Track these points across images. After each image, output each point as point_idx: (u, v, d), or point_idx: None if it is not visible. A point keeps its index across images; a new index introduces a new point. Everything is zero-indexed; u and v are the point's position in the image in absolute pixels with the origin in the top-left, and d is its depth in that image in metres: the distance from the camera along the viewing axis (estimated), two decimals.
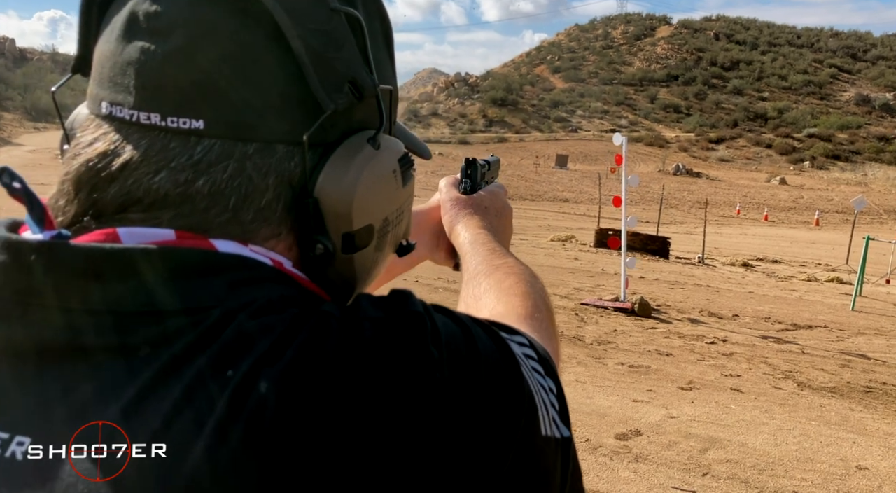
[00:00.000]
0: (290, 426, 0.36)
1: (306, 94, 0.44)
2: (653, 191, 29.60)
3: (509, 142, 57.64)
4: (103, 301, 0.39)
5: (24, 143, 29.10)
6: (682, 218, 24.49)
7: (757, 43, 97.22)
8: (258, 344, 0.38)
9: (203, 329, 0.39)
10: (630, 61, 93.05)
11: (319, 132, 0.45)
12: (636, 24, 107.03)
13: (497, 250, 0.81)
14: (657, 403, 4.86)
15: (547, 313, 0.68)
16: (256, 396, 0.36)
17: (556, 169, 42.99)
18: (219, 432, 0.36)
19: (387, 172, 0.49)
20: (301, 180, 0.45)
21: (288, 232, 0.46)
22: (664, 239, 13.25)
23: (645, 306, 7.78)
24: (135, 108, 0.43)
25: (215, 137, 0.43)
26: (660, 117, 73.98)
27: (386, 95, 0.50)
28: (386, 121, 0.49)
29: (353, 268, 0.48)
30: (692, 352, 6.38)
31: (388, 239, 0.51)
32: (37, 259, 0.40)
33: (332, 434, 0.36)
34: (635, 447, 4.03)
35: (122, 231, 0.42)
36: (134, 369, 0.38)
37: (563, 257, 11.84)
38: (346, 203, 0.46)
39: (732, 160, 57.18)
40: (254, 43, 0.43)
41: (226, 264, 0.42)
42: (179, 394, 0.37)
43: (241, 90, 0.43)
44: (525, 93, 76.42)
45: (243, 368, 0.37)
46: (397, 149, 0.50)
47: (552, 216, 21.30)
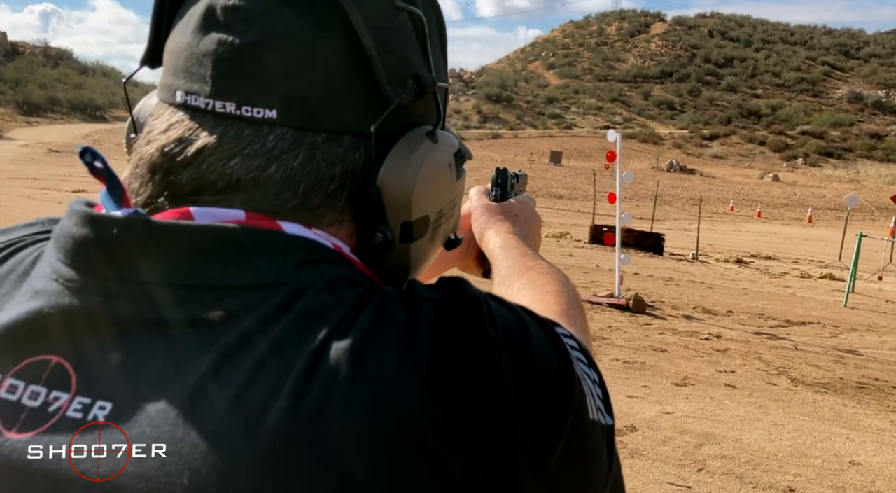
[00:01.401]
0: (362, 393, 0.38)
1: (373, 87, 0.46)
2: (647, 188, 29.69)
3: (504, 138, 57.65)
4: (177, 275, 0.41)
5: (17, 137, 28.90)
6: (676, 215, 24.57)
7: (751, 40, 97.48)
8: (331, 315, 0.40)
9: (276, 303, 0.41)
10: (624, 58, 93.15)
11: (383, 125, 0.47)
12: (631, 21, 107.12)
13: (528, 253, 0.81)
14: (652, 399, 4.88)
15: (580, 311, 0.69)
16: (331, 363, 0.38)
17: (551, 165, 43.05)
18: (295, 395, 0.37)
19: (444, 166, 0.50)
20: (365, 170, 0.47)
21: (350, 220, 0.48)
22: (658, 236, 13.29)
23: (639, 303, 7.80)
24: (210, 96, 0.44)
25: (287, 126, 0.45)
26: (654, 114, 74.12)
27: (442, 91, 0.52)
28: (442, 116, 0.52)
29: (409, 257, 0.50)
30: (687, 348, 6.40)
31: (440, 231, 0.53)
32: (118, 233, 0.41)
33: (398, 405, 0.38)
34: (630, 443, 4.04)
35: (195, 210, 0.44)
36: (209, 340, 0.40)
37: (557, 254, 11.86)
38: (407, 194, 0.47)
39: (726, 157, 57.37)
40: (326, 38, 0.45)
41: (292, 244, 0.44)
42: (254, 363, 0.39)
43: (311, 82, 0.45)
44: (520, 89, 76.41)
45: (320, 336, 0.39)
46: (452, 143, 0.52)
47: (547, 213, 21.34)
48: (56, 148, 25.97)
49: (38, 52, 54.55)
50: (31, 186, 16.29)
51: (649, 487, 3.57)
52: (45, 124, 34.90)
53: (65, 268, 0.43)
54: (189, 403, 0.38)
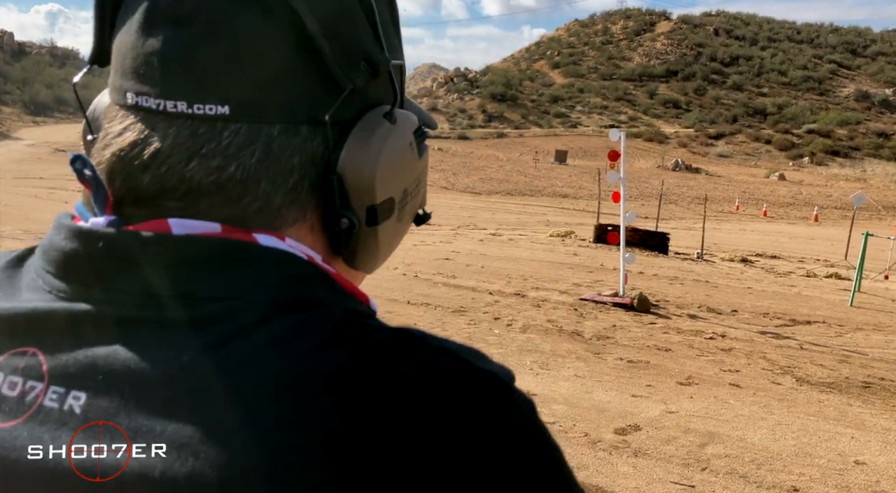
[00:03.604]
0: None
1: (324, 73, 0.45)
2: (652, 187, 29.62)
3: (508, 137, 57.59)
4: (159, 286, 0.42)
5: (24, 137, 29.05)
6: (681, 214, 24.50)
7: (756, 38, 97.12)
8: (298, 341, 0.41)
9: (251, 319, 0.41)
10: (629, 57, 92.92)
11: (339, 110, 0.46)
12: (636, 20, 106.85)
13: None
14: (656, 398, 4.88)
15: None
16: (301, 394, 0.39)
17: (556, 164, 42.97)
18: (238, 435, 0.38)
19: (404, 145, 0.50)
20: (324, 158, 0.47)
21: (312, 211, 0.48)
22: (663, 235, 13.26)
23: (644, 302, 7.79)
24: (160, 97, 0.44)
25: (241, 121, 0.44)
26: (659, 113, 73.94)
27: (397, 70, 0.51)
28: (399, 96, 0.51)
29: (377, 240, 0.50)
30: (691, 347, 6.39)
31: (407, 210, 0.53)
32: (104, 246, 0.43)
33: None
34: (634, 442, 4.04)
35: (173, 222, 0.44)
36: (185, 345, 0.41)
37: (562, 253, 11.85)
38: (369, 178, 0.47)
39: (731, 156, 57.17)
40: (271, 27, 0.44)
41: (267, 258, 0.44)
42: (203, 379, 0.40)
43: (261, 73, 0.44)
44: (524, 88, 76.30)
45: (286, 362, 0.40)
46: (412, 122, 0.52)
47: (551, 212, 21.32)
48: (62, 148, 26.07)
49: (44, 53, 54.80)
50: (37, 186, 16.37)
51: (653, 486, 3.57)
52: (52, 124, 35.05)
53: (54, 279, 0.44)
54: (162, 402, 0.39)
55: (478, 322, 6.71)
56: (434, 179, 29.23)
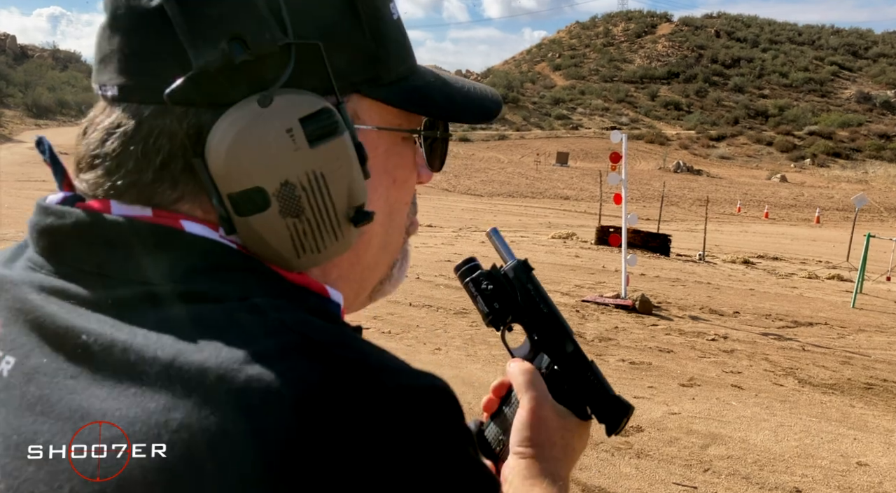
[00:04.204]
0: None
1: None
2: (654, 188, 29.61)
3: (510, 139, 57.63)
4: (90, 262, 0.46)
5: (26, 140, 29.12)
6: (682, 216, 24.49)
7: (758, 40, 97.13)
8: (179, 331, 0.42)
9: (142, 305, 0.43)
10: (631, 59, 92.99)
11: (215, 90, 0.45)
12: (637, 22, 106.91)
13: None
14: (658, 399, 4.88)
15: None
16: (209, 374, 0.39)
17: (557, 166, 42.98)
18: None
19: (273, 131, 0.45)
20: (196, 141, 0.46)
21: (194, 195, 0.47)
22: (665, 236, 13.26)
23: (646, 304, 7.79)
24: (103, 83, 0.49)
25: (126, 101, 0.47)
26: (660, 115, 73.95)
27: (305, 49, 0.46)
28: (308, 77, 0.47)
29: (258, 233, 0.47)
30: (693, 349, 6.39)
31: (305, 205, 0.47)
32: (52, 221, 0.47)
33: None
34: (637, 444, 4.04)
35: (114, 204, 0.47)
36: (103, 320, 0.43)
37: (563, 255, 11.85)
38: (223, 164, 0.45)
39: (733, 158, 57.16)
40: (147, 12, 0.45)
41: (190, 244, 0.46)
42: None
43: (138, 56, 0.46)
44: (526, 90, 76.38)
45: (195, 348, 0.40)
46: (300, 107, 0.46)
47: (553, 214, 21.32)
48: (64, 150, 26.13)
49: (46, 56, 54.93)
50: (40, 189, 16.39)
51: (655, 487, 3.57)
52: (54, 127, 35.12)
53: (31, 251, 0.49)
54: (65, 375, 0.41)
55: (479, 324, 6.71)
56: (435, 181, 29.23)
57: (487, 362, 5.48)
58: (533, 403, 0.70)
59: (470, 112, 0.57)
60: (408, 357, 2.39)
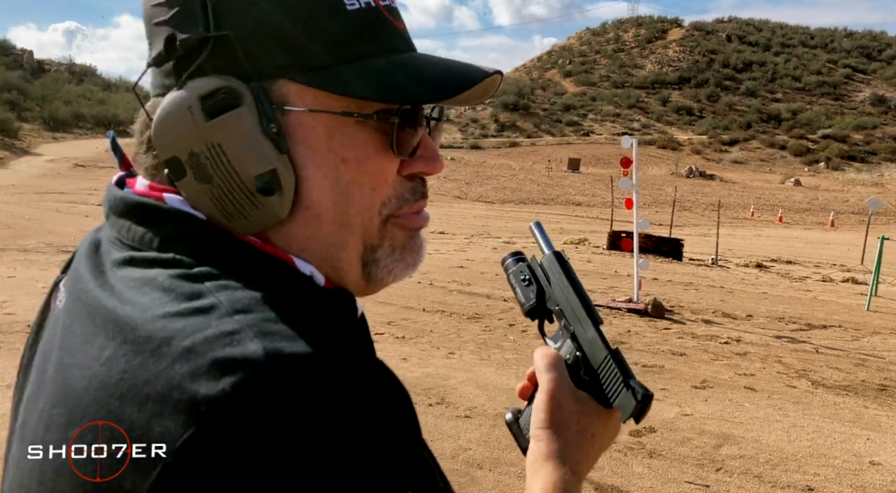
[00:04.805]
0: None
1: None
2: (666, 193, 29.53)
3: (521, 146, 57.69)
4: (113, 229, 0.58)
5: (43, 152, 29.52)
6: (695, 220, 24.42)
7: (770, 44, 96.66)
8: (138, 292, 0.50)
9: (127, 267, 0.53)
10: (642, 64, 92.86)
11: (161, 81, 0.57)
12: (647, 27, 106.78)
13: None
14: (671, 401, 4.92)
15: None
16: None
17: (569, 173, 42.95)
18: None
19: (177, 108, 0.54)
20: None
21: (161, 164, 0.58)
22: (677, 241, 13.26)
23: (658, 307, 7.82)
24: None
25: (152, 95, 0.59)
26: (672, 120, 73.73)
27: (227, 41, 0.54)
28: (228, 64, 0.54)
29: (191, 197, 0.56)
30: (706, 352, 6.42)
31: (212, 172, 0.54)
32: (105, 196, 0.61)
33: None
34: (649, 444, 4.09)
35: (136, 180, 0.61)
36: (92, 279, 0.55)
37: (575, 260, 11.89)
38: (154, 138, 0.56)
39: (746, 162, 56.85)
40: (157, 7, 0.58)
41: (167, 216, 0.56)
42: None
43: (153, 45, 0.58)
44: (536, 97, 76.45)
45: (144, 300, 0.50)
46: (200, 87, 0.53)
47: (565, 220, 21.33)
48: (81, 163, 26.47)
49: (63, 70, 55.71)
50: (58, 200, 16.65)
51: (668, 486, 3.62)
52: (71, 140, 35.60)
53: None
54: (77, 324, 0.53)
55: (493, 329, 6.78)
56: (447, 188, 29.34)
57: (500, 365, 5.55)
58: (548, 385, 0.70)
59: (409, 94, 0.55)
60: (421, 361, 2.56)
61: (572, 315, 0.72)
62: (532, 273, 0.76)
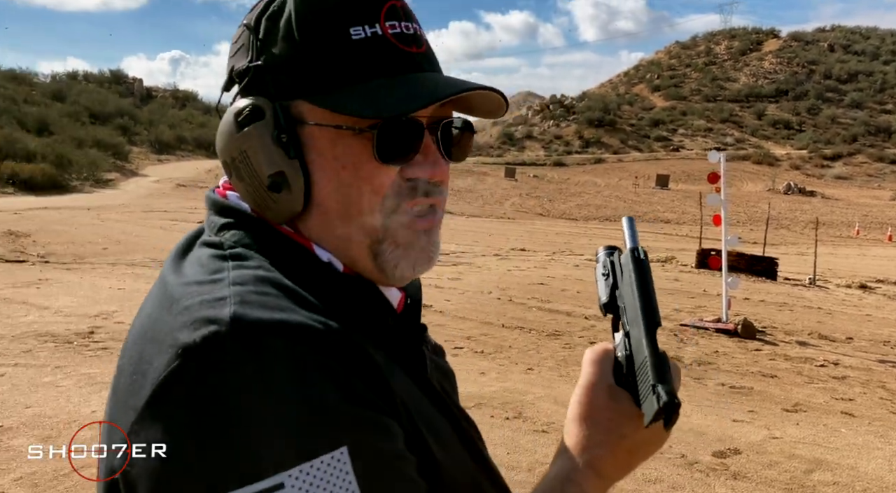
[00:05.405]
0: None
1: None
2: (762, 211, 28.21)
3: (607, 162, 56.71)
4: (205, 222, 0.72)
5: (150, 174, 31.55)
6: (793, 239, 23.22)
7: (878, 52, 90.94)
8: (205, 266, 0.64)
9: (195, 248, 0.68)
10: (735, 77, 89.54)
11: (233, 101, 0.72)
12: (741, 39, 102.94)
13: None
14: (759, 423, 4.71)
15: None
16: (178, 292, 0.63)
17: (657, 189, 41.85)
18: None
19: (224, 123, 0.69)
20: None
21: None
22: (771, 259, 12.66)
23: (749, 328, 7.51)
24: None
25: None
26: (769, 134, 70.50)
27: (259, 70, 0.67)
28: (264, 88, 0.67)
29: (240, 193, 0.70)
30: (800, 374, 6.11)
31: (243, 174, 0.68)
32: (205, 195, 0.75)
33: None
34: (733, 465, 3.94)
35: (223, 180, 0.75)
36: (182, 260, 0.68)
37: (661, 278, 11.57)
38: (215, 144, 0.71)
39: (851, 178, 53.54)
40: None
41: (225, 210, 0.70)
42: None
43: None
44: (623, 112, 75.03)
45: (195, 273, 0.64)
46: (237, 106, 0.68)
47: (652, 237, 20.79)
48: (183, 183, 28.15)
49: (168, 95, 59.29)
50: (162, 218, 17.78)
51: None
52: (174, 161, 37.86)
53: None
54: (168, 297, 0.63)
55: (573, 346, 6.71)
56: (529, 205, 29.24)
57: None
58: (585, 378, 0.71)
59: (381, 109, 0.63)
60: (500, 376, 2.65)
61: (631, 314, 0.71)
62: (612, 268, 0.76)
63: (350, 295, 0.66)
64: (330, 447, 0.52)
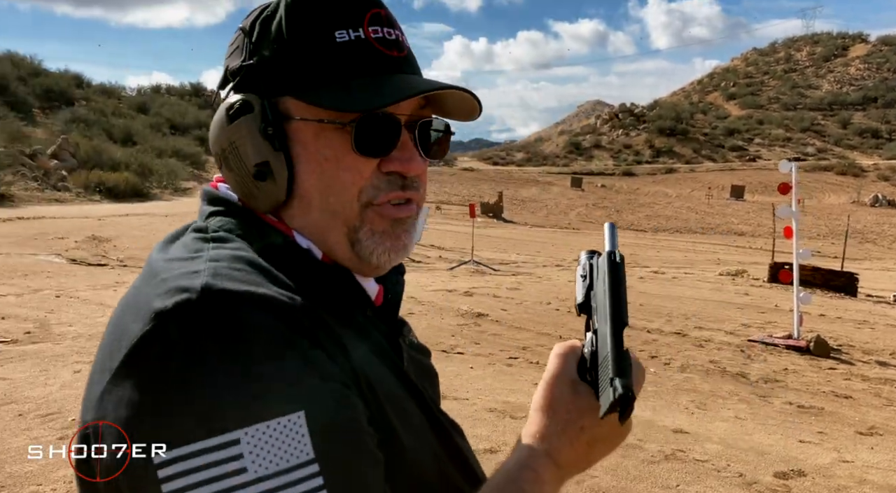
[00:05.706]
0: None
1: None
2: (844, 223, 26.87)
3: (679, 172, 55.22)
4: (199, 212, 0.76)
5: None
6: (879, 253, 21.99)
7: None
8: (189, 249, 0.68)
9: (183, 235, 0.72)
10: (817, 85, 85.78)
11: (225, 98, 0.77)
12: (825, 45, 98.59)
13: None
14: (828, 445, 4.46)
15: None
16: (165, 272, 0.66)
17: (731, 201, 40.47)
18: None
19: (217, 117, 0.73)
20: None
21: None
22: (851, 275, 12.02)
23: (822, 345, 7.13)
24: None
25: None
26: (854, 143, 67.07)
27: (250, 68, 0.72)
28: (255, 84, 0.71)
29: (229, 183, 0.74)
30: (878, 396, 5.75)
31: (232, 164, 0.72)
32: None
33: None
34: (796, 488, 3.74)
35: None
36: (174, 246, 0.71)
37: (731, 292, 11.16)
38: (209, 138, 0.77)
39: None
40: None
41: (214, 199, 0.75)
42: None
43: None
44: (696, 121, 72.96)
45: (181, 256, 0.67)
46: (228, 101, 0.72)
47: (723, 250, 20.11)
48: None
49: None
50: None
51: None
52: None
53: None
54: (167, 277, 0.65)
55: None
56: (595, 216, 28.80)
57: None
58: (549, 372, 0.72)
59: (353, 105, 0.67)
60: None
61: (601, 312, 0.72)
62: (590, 271, 0.77)
63: (324, 280, 0.70)
64: (287, 410, 0.55)
